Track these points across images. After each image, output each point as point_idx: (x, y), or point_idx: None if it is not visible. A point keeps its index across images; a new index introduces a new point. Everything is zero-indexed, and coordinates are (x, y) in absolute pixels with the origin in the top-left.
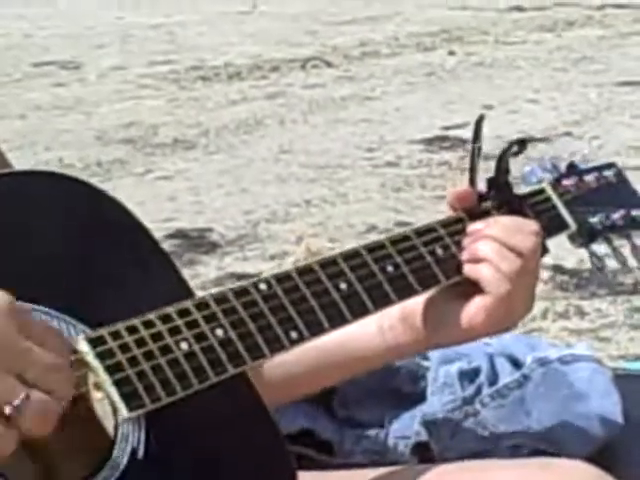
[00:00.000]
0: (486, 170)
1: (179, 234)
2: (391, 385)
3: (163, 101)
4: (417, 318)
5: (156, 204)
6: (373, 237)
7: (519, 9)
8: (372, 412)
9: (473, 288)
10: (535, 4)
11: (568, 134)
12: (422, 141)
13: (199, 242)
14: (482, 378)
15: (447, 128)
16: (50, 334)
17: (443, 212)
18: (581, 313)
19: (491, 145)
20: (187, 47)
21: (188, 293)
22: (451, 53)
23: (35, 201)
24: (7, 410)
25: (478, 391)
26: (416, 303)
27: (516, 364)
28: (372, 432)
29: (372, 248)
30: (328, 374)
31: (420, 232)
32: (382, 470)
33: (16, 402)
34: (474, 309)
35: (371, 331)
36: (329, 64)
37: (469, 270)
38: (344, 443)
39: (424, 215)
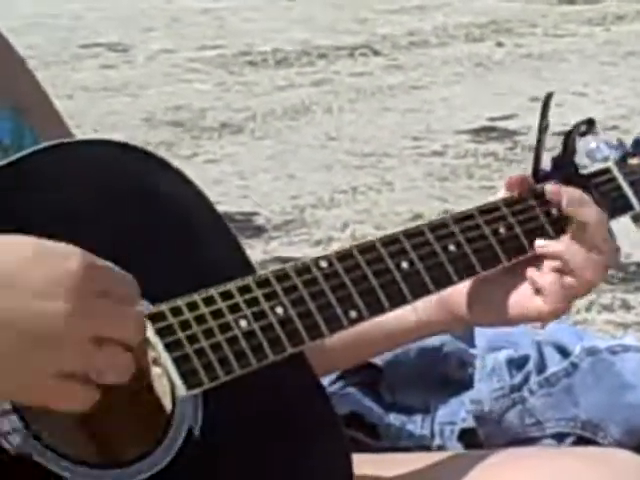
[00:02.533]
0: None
1: (225, 217)
2: (438, 371)
3: (211, 85)
4: (453, 296)
5: (202, 187)
6: None
7: (569, 2)
8: (418, 397)
9: (520, 269)
10: None
11: (615, 128)
12: (469, 131)
13: (245, 226)
14: (530, 366)
15: (494, 119)
16: (122, 283)
17: None
18: (627, 306)
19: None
20: (235, 32)
21: (249, 268)
22: (499, 44)
23: (100, 170)
24: (92, 375)
25: (526, 379)
26: None
27: (564, 353)
28: (418, 417)
29: (434, 226)
30: (363, 349)
31: (484, 210)
32: (428, 455)
33: (98, 366)
34: (527, 299)
35: (405, 308)
36: (377, 52)
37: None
38: (390, 427)
39: (470, 205)
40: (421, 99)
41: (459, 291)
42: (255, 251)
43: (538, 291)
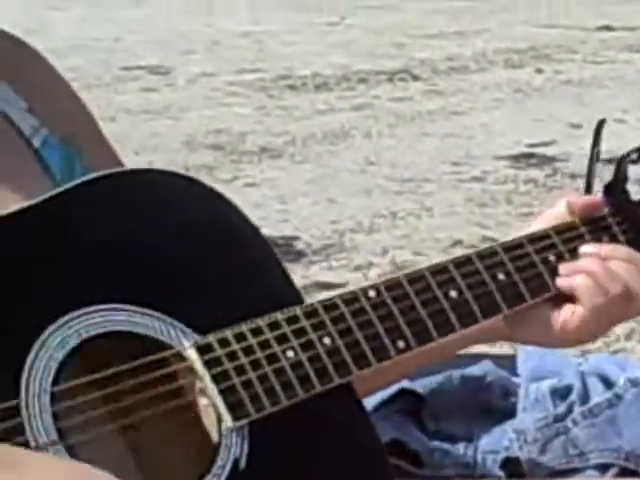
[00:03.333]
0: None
1: None
2: (481, 400)
3: (251, 109)
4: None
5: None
6: (458, 252)
7: (608, 28)
8: (461, 426)
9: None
10: (624, 24)
11: None
12: (508, 157)
13: (285, 250)
14: (574, 396)
15: (533, 145)
16: None
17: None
18: None
19: (580, 164)
20: (275, 56)
21: (297, 297)
22: (539, 71)
23: (147, 200)
24: None
25: (570, 409)
26: None
27: (607, 383)
28: (461, 445)
29: (483, 255)
30: (406, 365)
31: (533, 239)
32: None
33: None
34: (569, 315)
35: None
36: (416, 77)
37: (564, 282)
38: (433, 455)
39: (510, 231)
40: (460, 124)
41: None
42: (295, 276)
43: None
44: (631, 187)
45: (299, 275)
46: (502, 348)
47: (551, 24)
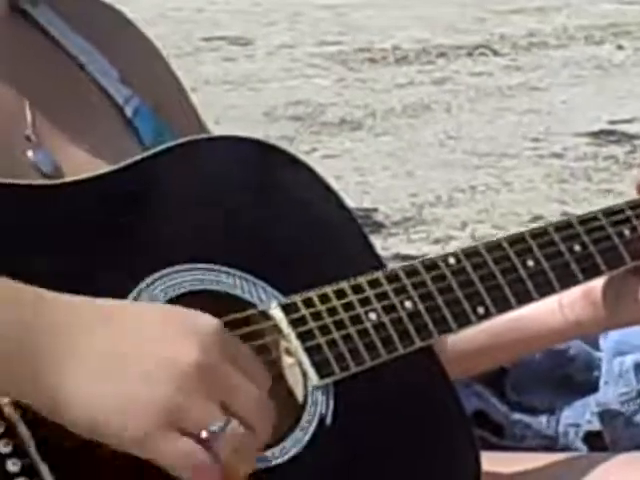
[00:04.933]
0: None
1: None
2: (564, 373)
3: (331, 81)
4: (598, 294)
5: None
6: None
7: None
8: (543, 398)
9: None
10: None
11: None
12: (588, 134)
13: (364, 222)
14: None
15: (614, 122)
16: (257, 367)
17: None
18: None
19: None
20: (356, 28)
21: (378, 264)
22: (620, 47)
23: (231, 164)
24: (203, 434)
25: None
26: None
27: None
28: (543, 418)
29: (560, 227)
30: (503, 352)
31: (608, 213)
32: (552, 455)
33: (213, 428)
34: None
35: (550, 307)
36: (496, 53)
37: None
38: (515, 427)
39: (589, 208)
40: (540, 100)
41: (604, 288)
42: None
43: None
44: None
45: (378, 247)
46: None
47: (633, 0)
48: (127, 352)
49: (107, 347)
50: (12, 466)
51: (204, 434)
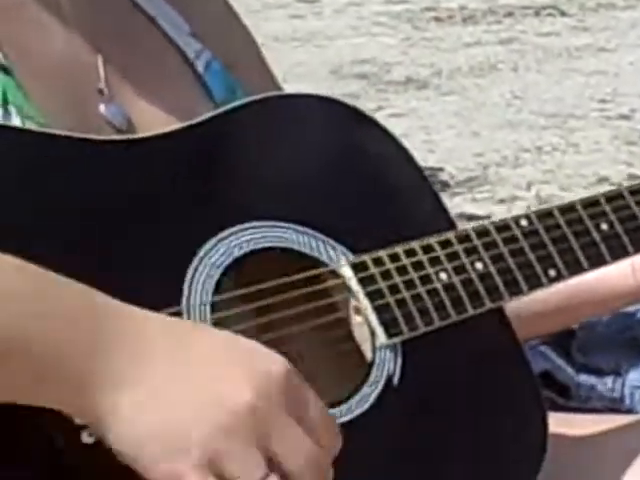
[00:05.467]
0: None
1: None
2: (631, 335)
3: (397, 40)
4: None
5: None
6: (604, 189)
7: None
8: (609, 360)
9: None
10: None
11: None
12: None
13: (430, 181)
14: None
15: None
16: (324, 423)
17: None
18: None
19: None
20: None
21: (449, 224)
22: None
23: (305, 122)
24: None
25: None
26: None
27: None
28: (609, 379)
29: (634, 190)
30: (573, 314)
31: None
32: (617, 417)
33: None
34: None
35: (623, 271)
36: (564, 13)
37: None
38: (580, 388)
39: None
40: (608, 62)
41: None
42: None
43: None
44: None
45: None
46: None
47: None
48: (186, 386)
49: (167, 375)
50: None
51: None
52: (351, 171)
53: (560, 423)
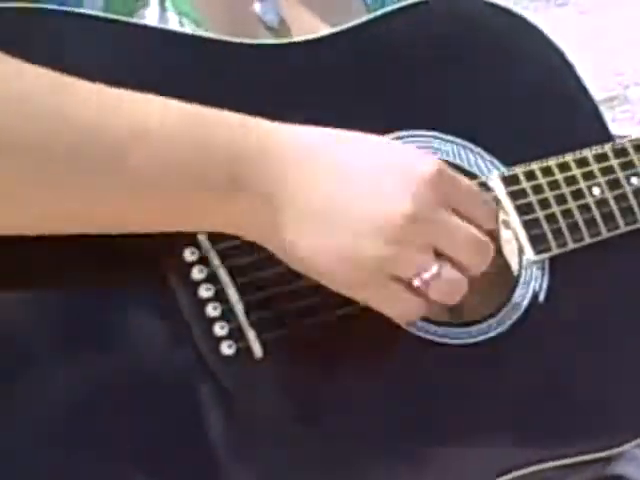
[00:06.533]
0: None
1: None
2: None
3: None
4: None
5: None
6: None
7: None
8: None
9: None
10: None
11: None
12: None
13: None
14: None
15: None
16: (476, 202)
17: None
18: None
19: None
20: None
21: (607, 137)
22: None
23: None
24: (415, 282)
25: None
26: None
27: None
28: None
29: None
30: None
31: None
32: None
33: (425, 276)
34: None
35: None
36: None
37: None
38: None
39: None
40: None
41: None
42: None
43: None
44: None
45: None
46: None
47: None
48: (342, 207)
49: (325, 199)
50: (212, 310)
51: (416, 282)
52: (510, 80)
53: None
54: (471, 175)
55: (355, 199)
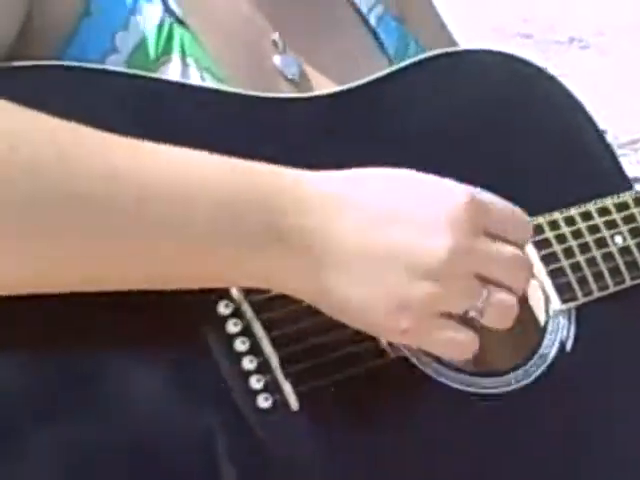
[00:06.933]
0: None
1: None
2: None
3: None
4: None
5: None
6: None
7: None
8: None
9: None
10: None
11: None
12: None
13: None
14: None
15: None
16: (510, 221)
17: None
18: None
19: None
20: None
21: (626, 185)
22: None
23: (484, 78)
24: (472, 313)
25: None
26: None
27: None
28: None
29: None
30: None
31: None
32: None
33: (478, 304)
34: None
35: None
36: None
37: None
38: None
39: None
40: None
41: None
42: None
43: None
44: None
45: None
46: None
47: None
48: (385, 252)
49: (359, 245)
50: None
51: (472, 313)
52: (528, 129)
53: None
54: None
55: (396, 243)
